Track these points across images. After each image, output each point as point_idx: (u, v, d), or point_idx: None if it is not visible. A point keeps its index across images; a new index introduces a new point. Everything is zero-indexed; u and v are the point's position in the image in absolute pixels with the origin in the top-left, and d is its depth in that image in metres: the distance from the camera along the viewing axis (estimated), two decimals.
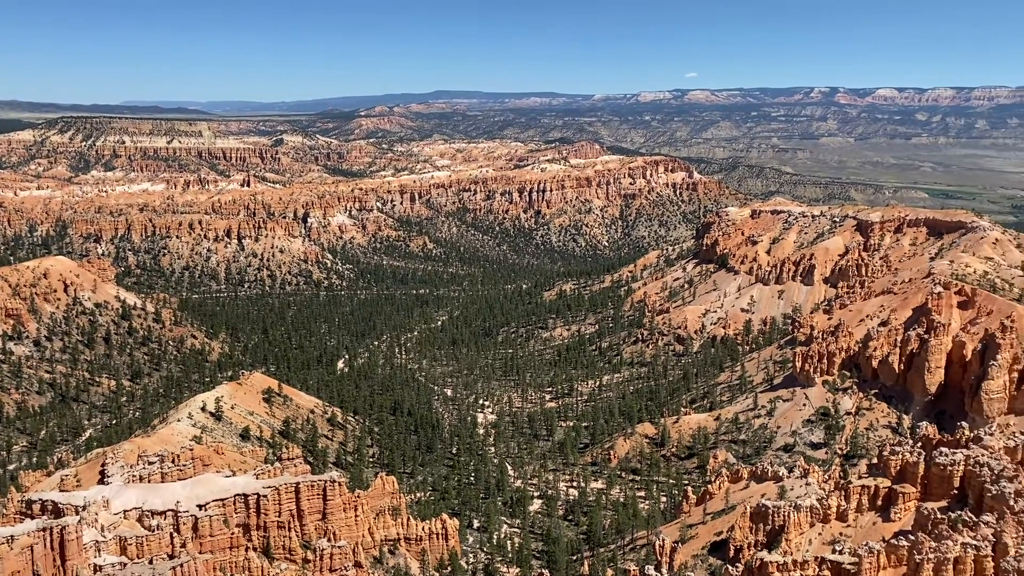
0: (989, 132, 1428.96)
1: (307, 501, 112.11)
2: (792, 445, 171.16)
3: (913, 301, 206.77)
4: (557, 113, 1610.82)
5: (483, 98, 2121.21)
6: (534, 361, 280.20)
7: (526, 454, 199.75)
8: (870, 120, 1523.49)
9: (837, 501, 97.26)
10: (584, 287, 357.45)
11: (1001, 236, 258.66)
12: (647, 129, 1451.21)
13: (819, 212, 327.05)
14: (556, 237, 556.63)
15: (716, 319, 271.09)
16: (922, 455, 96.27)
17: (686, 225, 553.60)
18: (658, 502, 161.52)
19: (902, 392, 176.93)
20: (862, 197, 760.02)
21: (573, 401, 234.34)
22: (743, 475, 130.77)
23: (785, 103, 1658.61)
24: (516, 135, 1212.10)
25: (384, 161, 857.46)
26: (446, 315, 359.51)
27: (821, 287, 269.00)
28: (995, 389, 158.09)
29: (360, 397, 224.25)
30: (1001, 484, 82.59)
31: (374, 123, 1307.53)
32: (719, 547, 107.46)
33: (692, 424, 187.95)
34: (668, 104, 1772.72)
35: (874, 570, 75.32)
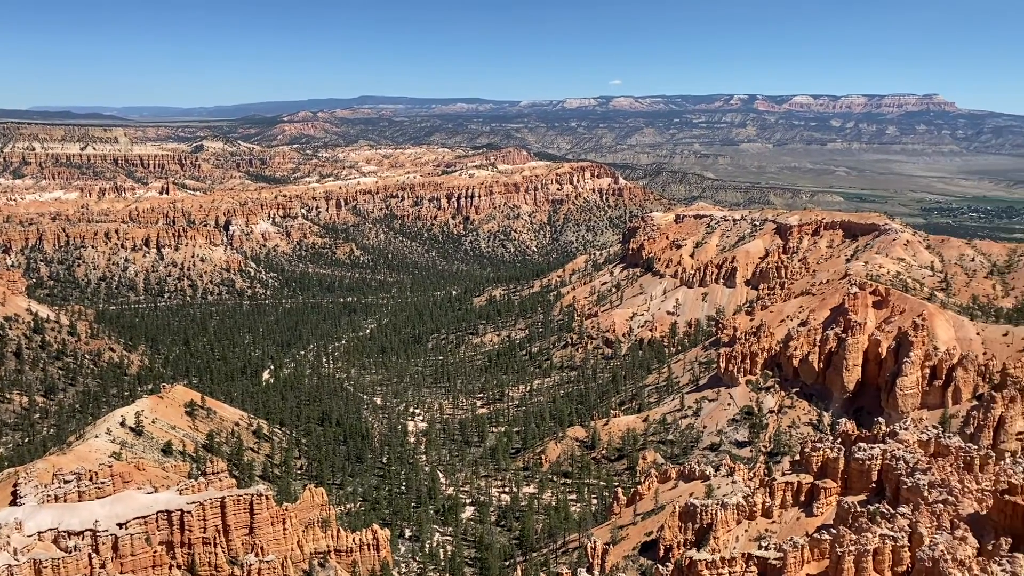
0: (899, 138, 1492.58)
1: (233, 516, 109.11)
2: (718, 444, 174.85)
3: (831, 301, 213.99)
4: (484, 119, 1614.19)
5: (410, 104, 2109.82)
6: (465, 367, 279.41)
7: (458, 461, 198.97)
8: (787, 126, 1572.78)
9: (762, 498, 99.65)
10: (514, 292, 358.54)
11: (912, 238, 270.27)
12: (573, 135, 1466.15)
13: (740, 216, 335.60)
14: (485, 243, 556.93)
15: (643, 322, 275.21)
16: (842, 451, 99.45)
17: (613, 230, 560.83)
18: (589, 504, 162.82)
19: (822, 390, 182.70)
20: (781, 201, 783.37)
21: (504, 406, 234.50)
22: (672, 475, 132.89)
23: (706, 110, 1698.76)
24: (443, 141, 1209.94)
25: (309, 167, 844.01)
26: (374, 323, 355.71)
27: (743, 289, 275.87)
28: (909, 385, 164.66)
29: (287, 408, 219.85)
30: (916, 476, 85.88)
31: (298, 129, 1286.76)
32: (650, 547, 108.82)
33: (621, 426, 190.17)
34: (593, 111, 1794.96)
35: (798, 564, 77.29)
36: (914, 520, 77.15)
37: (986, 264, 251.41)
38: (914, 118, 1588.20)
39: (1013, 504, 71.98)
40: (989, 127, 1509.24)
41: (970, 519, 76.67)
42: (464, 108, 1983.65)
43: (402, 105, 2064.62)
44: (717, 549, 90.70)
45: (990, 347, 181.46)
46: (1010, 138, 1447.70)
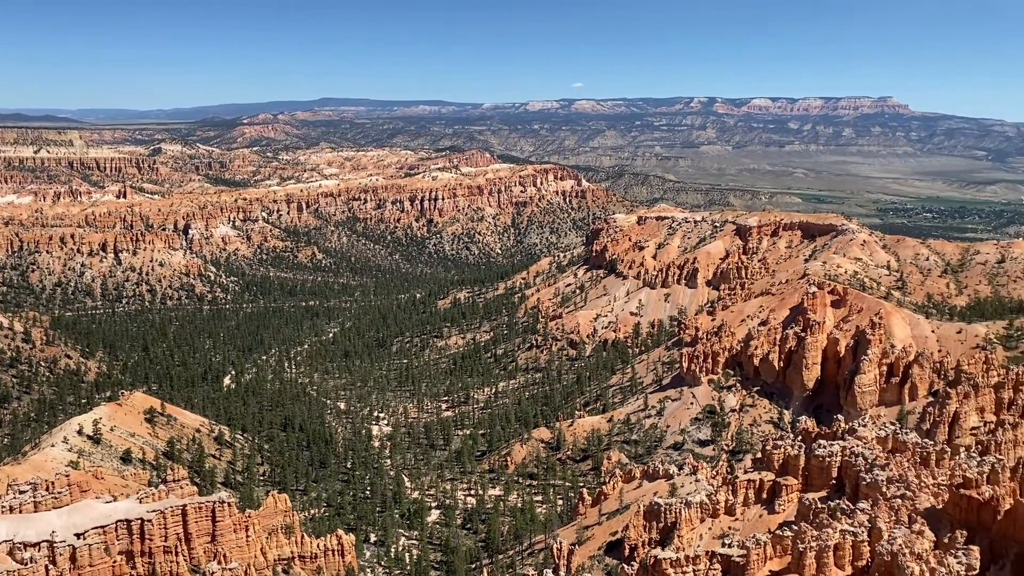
0: (855, 140, 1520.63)
1: (195, 524, 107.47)
2: (681, 443, 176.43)
3: (790, 301, 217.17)
4: (447, 121, 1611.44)
5: (371, 106, 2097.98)
6: (429, 370, 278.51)
7: (423, 465, 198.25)
8: (747, 129, 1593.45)
9: (725, 496, 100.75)
10: (478, 295, 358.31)
11: (868, 238, 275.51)
12: (536, 138, 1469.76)
13: (701, 217, 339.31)
14: (449, 245, 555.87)
15: (607, 323, 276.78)
16: (802, 448, 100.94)
17: (576, 232, 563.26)
18: (555, 505, 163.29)
19: (782, 388, 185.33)
20: (740, 202, 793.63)
21: (470, 409, 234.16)
22: (636, 474, 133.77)
23: (667, 112, 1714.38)
24: (406, 143, 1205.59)
25: (269, 170, 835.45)
26: (338, 327, 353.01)
27: (705, 289, 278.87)
28: (867, 383, 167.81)
29: (248, 414, 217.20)
30: (874, 472, 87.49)
31: (258, 131, 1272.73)
32: (615, 547, 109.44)
33: (586, 427, 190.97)
34: (556, 113, 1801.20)
35: (761, 561, 78.27)
36: (873, 515, 78.59)
37: (940, 263, 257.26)
38: (870, 120, 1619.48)
39: (968, 498, 73.72)
40: (942, 129, 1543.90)
41: (927, 513, 78.35)
42: (427, 110, 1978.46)
43: (364, 107, 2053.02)
44: (681, 547, 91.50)
45: (945, 344, 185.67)
46: (962, 140, 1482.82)
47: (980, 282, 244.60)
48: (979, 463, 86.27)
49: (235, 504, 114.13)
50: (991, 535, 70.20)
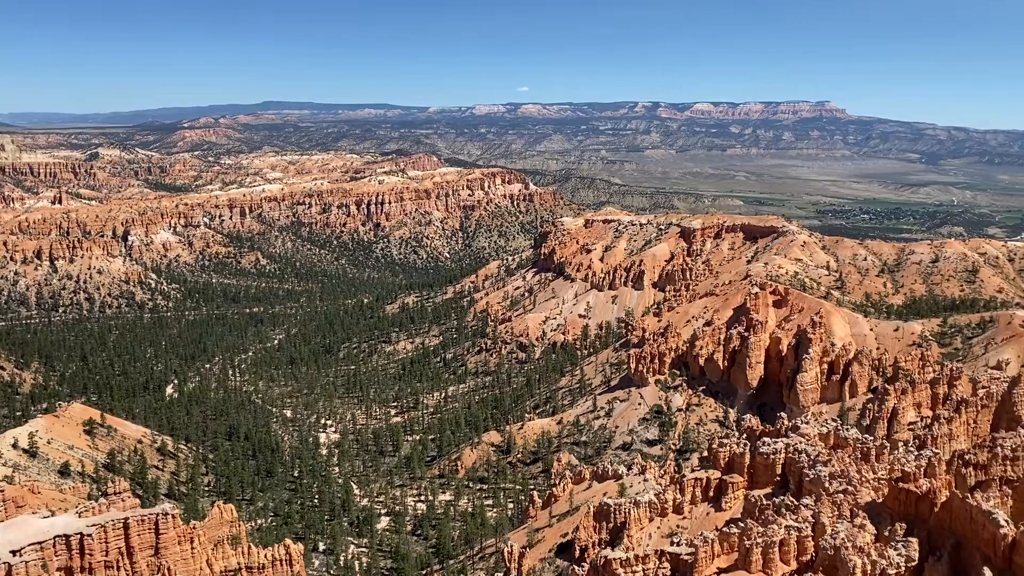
0: (794, 143, 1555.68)
1: (137, 537, 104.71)
2: (630, 443, 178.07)
3: (733, 302, 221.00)
4: (393, 125, 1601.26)
5: (316, 109, 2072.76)
6: (378, 376, 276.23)
7: (372, 471, 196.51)
8: (690, 133, 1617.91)
9: (673, 495, 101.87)
10: (427, 299, 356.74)
11: (808, 239, 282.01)
12: (483, 141, 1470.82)
13: (646, 220, 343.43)
14: (396, 250, 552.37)
15: (556, 325, 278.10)
16: (747, 446, 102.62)
17: (524, 235, 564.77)
18: (506, 509, 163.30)
19: (727, 387, 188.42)
20: (684, 205, 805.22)
21: (419, 414, 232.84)
22: (586, 476, 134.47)
23: (612, 117, 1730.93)
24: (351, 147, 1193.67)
25: (211, 175, 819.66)
26: (283, 333, 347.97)
27: (651, 291, 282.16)
28: (808, 380, 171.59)
29: (192, 423, 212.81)
30: (817, 468, 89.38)
31: (199, 135, 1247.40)
32: (566, 548, 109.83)
33: (536, 429, 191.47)
34: (503, 117, 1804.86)
35: (709, 559, 79.31)
36: (817, 510, 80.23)
37: (877, 263, 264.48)
38: (808, 124, 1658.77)
39: (907, 491, 75.74)
40: (877, 133, 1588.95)
41: (868, 507, 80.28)
42: (372, 114, 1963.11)
43: (308, 111, 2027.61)
44: (631, 547, 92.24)
45: (883, 342, 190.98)
46: (896, 143, 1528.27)
47: (915, 281, 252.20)
48: (917, 457, 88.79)
49: (179, 516, 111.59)
50: (929, 527, 72.25)
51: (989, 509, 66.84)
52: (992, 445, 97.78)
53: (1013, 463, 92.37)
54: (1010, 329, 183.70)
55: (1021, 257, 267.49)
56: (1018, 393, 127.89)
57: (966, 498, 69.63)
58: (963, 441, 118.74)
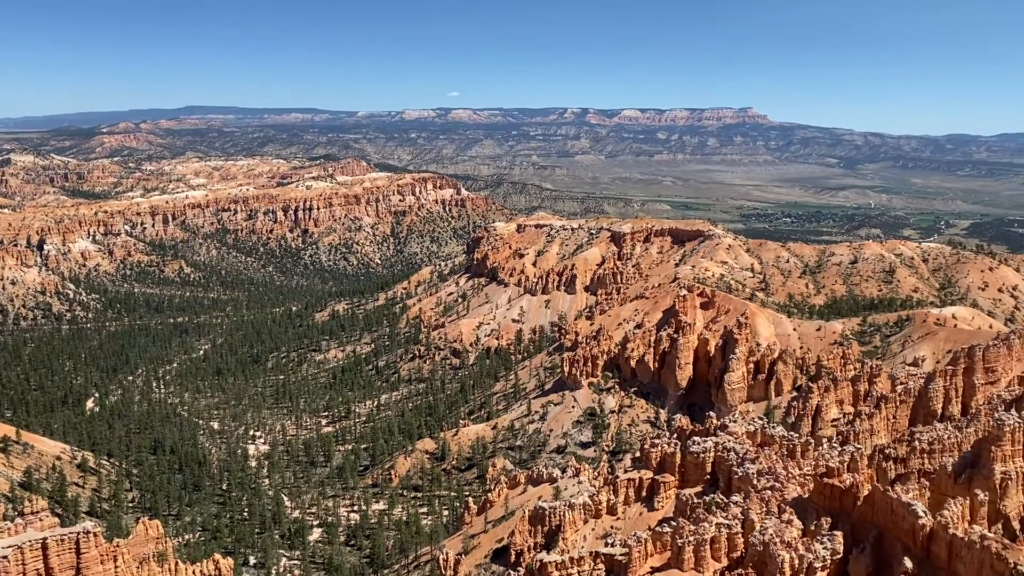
0: (719, 149, 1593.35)
1: (56, 558, 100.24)
2: (564, 446, 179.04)
3: (663, 304, 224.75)
4: (320, 130, 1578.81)
5: (240, 114, 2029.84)
6: (308, 385, 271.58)
7: (303, 483, 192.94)
8: (618, 139, 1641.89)
9: (607, 496, 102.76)
10: (358, 306, 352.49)
11: (733, 242, 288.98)
12: (414, 147, 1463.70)
13: (578, 225, 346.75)
14: (326, 256, 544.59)
15: (490, 331, 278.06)
16: (678, 445, 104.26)
17: (457, 240, 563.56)
18: (440, 516, 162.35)
19: (658, 388, 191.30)
20: (614, 210, 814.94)
21: (351, 423, 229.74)
22: (521, 480, 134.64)
23: (542, 123, 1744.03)
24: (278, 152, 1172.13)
25: (132, 181, 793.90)
26: (209, 343, 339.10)
27: (583, 295, 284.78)
28: (736, 380, 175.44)
29: (115, 438, 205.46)
30: (745, 466, 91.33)
31: (118, 140, 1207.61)
32: (501, 553, 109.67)
33: (471, 435, 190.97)
34: (433, 122, 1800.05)
35: (643, 558, 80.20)
36: (746, 507, 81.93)
37: (799, 265, 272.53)
38: (732, 130, 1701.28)
39: (831, 486, 77.98)
40: (798, 138, 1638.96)
41: (794, 502, 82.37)
42: (299, 118, 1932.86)
43: (232, 115, 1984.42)
44: (566, 550, 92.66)
45: (806, 341, 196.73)
46: (816, 148, 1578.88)
47: (836, 282, 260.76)
48: (840, 453, 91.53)
49: (101, 534, 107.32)
50: (852, 520, 74.51)
51: (908, 501, 69.28)
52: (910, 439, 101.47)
53: (930, 456, 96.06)
54: (925, 327, 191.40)
55: (935, 258, 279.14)
56: (934, 389, 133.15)
57: (887, 491, 72.04)
58: (883, 436, 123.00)
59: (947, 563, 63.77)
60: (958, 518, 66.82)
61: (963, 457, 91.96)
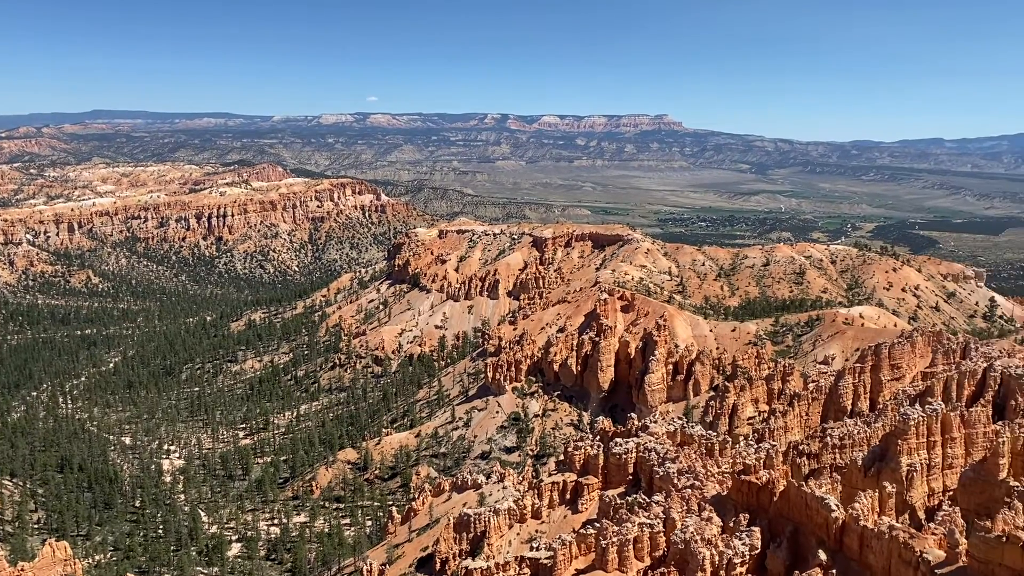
0: (636, 155, 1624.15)
1: None
2: (489, 452, 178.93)
3: (584, 308, 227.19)
4: (234, 135, 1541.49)
5: (150, 118, 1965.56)
6: (224, 397, 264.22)
7: (221, 497, 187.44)
8: (538, 145, 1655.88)
9: (531, 500, 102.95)
10: (275, 315, 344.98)
11: (651, 246, 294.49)
12: (331, 152, 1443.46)
13: (499, 230, 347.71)
14: (241, 264, 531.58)
15: (412, 337, 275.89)
16: (601, 447, 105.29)
17: (377, 247, 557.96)
18: (364, 527, 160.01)
19: (581, 391, 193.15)
20: (536, 215, 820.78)
21: (270, 435, 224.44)
22: (445, 487, 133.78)
23: (462, 128, 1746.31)
24: (190, 158, 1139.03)
25: (34, 188, 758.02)
26: (119, 356, 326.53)
27: (506, 300, 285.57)
28: (656, 381, 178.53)
29: (18, 457, 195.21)
30: (666, 466, 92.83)
31: (19, 146, 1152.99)
32: (426, 562, 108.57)
33: (394, 444, 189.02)
34: (351, 127, 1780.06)
35: (567, 561, 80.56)
36: (667, 506, 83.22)
37: (715, 268, 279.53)
38: (648, 137, 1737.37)
39: (748, 483, 79.88)
40: (711, 145, 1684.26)
41: (714, 500, 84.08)
42: (212, 123, 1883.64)
43: (141, 120, 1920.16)
44: (491, 555, 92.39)
45: (722, 342, 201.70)
46: (729, 154, 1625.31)
47: (749, 284, 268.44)
48: (756, 450, 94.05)
49: (4, 558, 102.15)
50: (769, 515, 76.45)
51: (822, 495, 71.48)
52: (822, 435, 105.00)
53: (841, 451, 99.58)
54: (834, 326, 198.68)
55: (842, 259, 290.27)
56: (843, 386, 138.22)
57: (801, 486, 74.18)
58: (797, 433, 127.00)
59: (859, 554, 66.01)
60: (868, 510, 69.26)
61: (872, 451, 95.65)
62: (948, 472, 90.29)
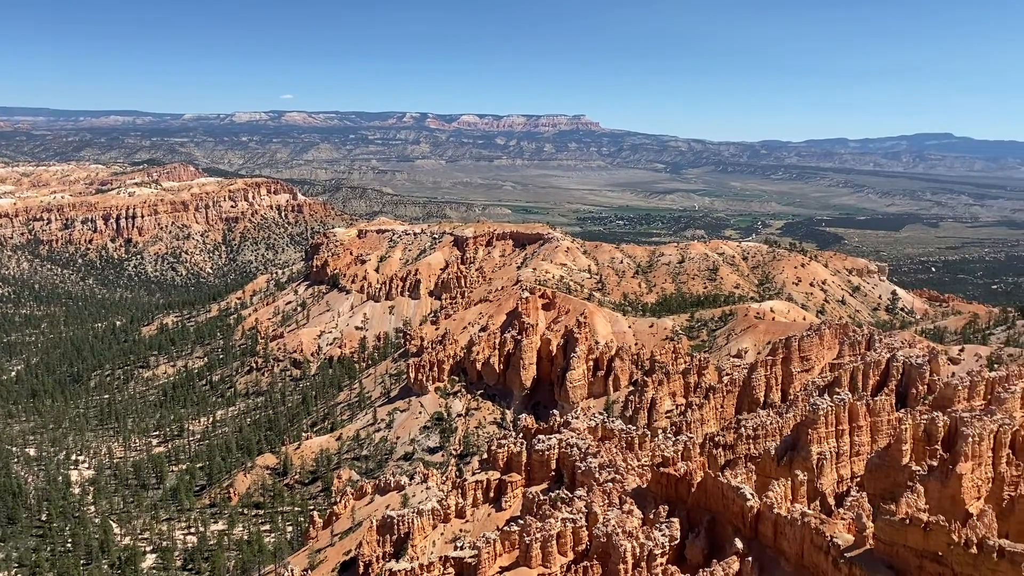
0: (555, 155, 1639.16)
1: None
2: (412, 453, 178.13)
3: (506, 306, 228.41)
4: (143, 133, 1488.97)
5: (52, 116, 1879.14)
6: (136, 404, 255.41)
7: (134, 507, 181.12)
8: (458, 144, 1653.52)
9: (455, 500, 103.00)
10: (189, 318, 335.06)
11: (571, 245, 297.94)
12: (245, 150, 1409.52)
13: (420, 230, 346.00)
14: (152, 267, 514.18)
15: (332, 339, 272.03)
16: (524, 445, 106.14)
17: (295, 247, 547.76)
18: (284, 533, 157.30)
19: (504, 389, 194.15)
20: (456, 215, 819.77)
21: (185, 442, 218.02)
22: (368, 490, 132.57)
23: (381, 127, 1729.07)
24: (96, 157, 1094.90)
25: None
26: (21, 363, 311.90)
27: (428, 300, 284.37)
28: (577, 378, 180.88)
29: None
30: (588, 460, 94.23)
31: None
32: (349, 566, 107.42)
33: (314, 447, 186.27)
34: (266, 125, 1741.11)
35: (492, 559, 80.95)
36: (589, 501, 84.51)
37: (632, 265, 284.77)
38: (567, 137, 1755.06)
39: (667, 475, 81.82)
40: (628, 144, 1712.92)
41: (634, 493, 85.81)
42: (119, 121, 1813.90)
43: (43, 117, 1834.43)
44: (415, 557, 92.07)
45: (640, 338, 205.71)
46: (645, 154, 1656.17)
47: (666, 280, 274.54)
48: (674, 443, 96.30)
49: None
50: (688, 506, 78.51)
51: (737, 485, 73.81)
52: (737, 427, 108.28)
53: (755, 441, 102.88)
54: (747, 321, 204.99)
55: (753, 256, 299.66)
56: (756, 378, 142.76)
57: (718, 477, 76.45)
58: (713, 424, 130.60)
59: (773, 541, 68.43)
60: (781, 498, 71.86)
61: (784, 441, 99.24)
62: (856, 459, 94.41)
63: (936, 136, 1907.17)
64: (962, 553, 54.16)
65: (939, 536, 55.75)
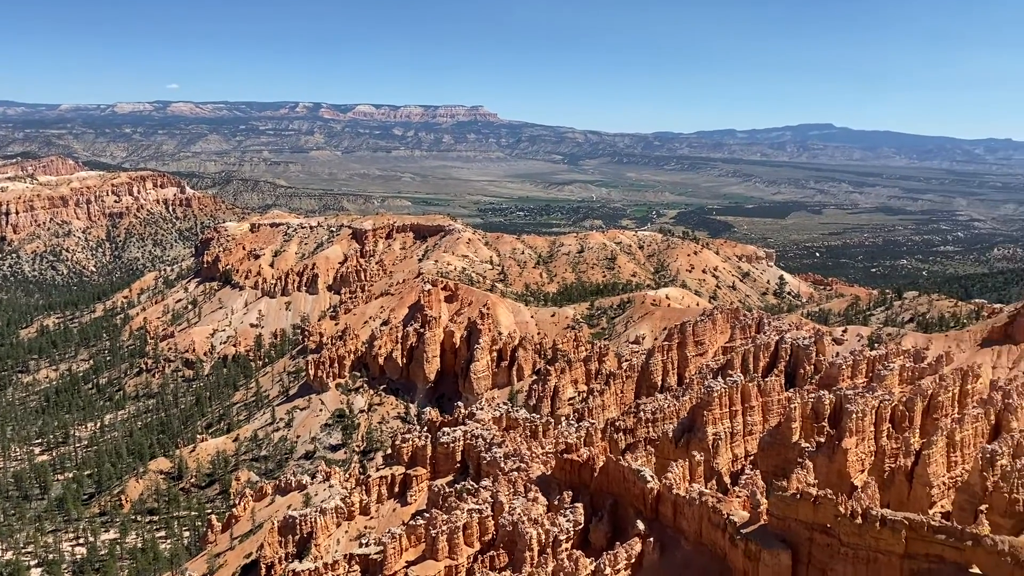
0: (454, 146, 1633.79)
1: None
2: (313, 451, 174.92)
3: (408, 300, 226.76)
4: (16, 124, 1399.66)
5: None
6: (16, 411, 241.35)
7: (15, 519, 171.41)
8: (354, 134, 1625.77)
9: (359, 497, 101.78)
10: (71, 319, 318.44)
11: (472, 236, 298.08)
12: (129, 142, 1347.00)
13: (317, 223, 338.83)
14: (29, 266, 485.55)
15: (226, 338, 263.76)
16: (429, 438, 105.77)
17: (184, 243, 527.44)
18: (181, 539, 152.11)
19: (407, 383, 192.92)
20: (354, 207, 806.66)
21: (71, 449, 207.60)
22: (268, 491, 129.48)
23: (273, 117, 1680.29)
24: None
25: None
26: None
27: (326, 295, 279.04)
28: (481, 369, 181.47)
29: None
30: (493, 451, 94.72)
31: None
32: (251, 569, 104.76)
33: (210, 450, 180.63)
34: (150, 116, 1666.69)
35: (397, 554, 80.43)
36: (495, 490, 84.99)
37: (534, 256, 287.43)
38: (465, 128, 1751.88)
39: (570, 461, 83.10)
40: (526, 136, 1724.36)
41: (539, 480, 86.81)
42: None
43: None
44: (319, 556, 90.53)
45: (542, 327, 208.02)
46: (543, 145, 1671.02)
47: (566, 270, 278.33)
48: (577, 429, 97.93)
49: None
50: (591, 491, 79.96)
51: (638, 468, 75.66)
52: (636, 411, 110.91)
53: (654, 424, 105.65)
54: (644, 308, 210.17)
55: (648, 245, 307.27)
56: (653, 363, 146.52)
57: (619, 461, 78.13)
58: (613, 410, 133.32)
59: (673, 521, 70.49)
60: (680, 479, 74.10)
61: (681, 423, 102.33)
62: (749, 438, 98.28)
63: (818, 127, 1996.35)
64: (848, 524, 57.14)
65: (827, 509, 58.63)
